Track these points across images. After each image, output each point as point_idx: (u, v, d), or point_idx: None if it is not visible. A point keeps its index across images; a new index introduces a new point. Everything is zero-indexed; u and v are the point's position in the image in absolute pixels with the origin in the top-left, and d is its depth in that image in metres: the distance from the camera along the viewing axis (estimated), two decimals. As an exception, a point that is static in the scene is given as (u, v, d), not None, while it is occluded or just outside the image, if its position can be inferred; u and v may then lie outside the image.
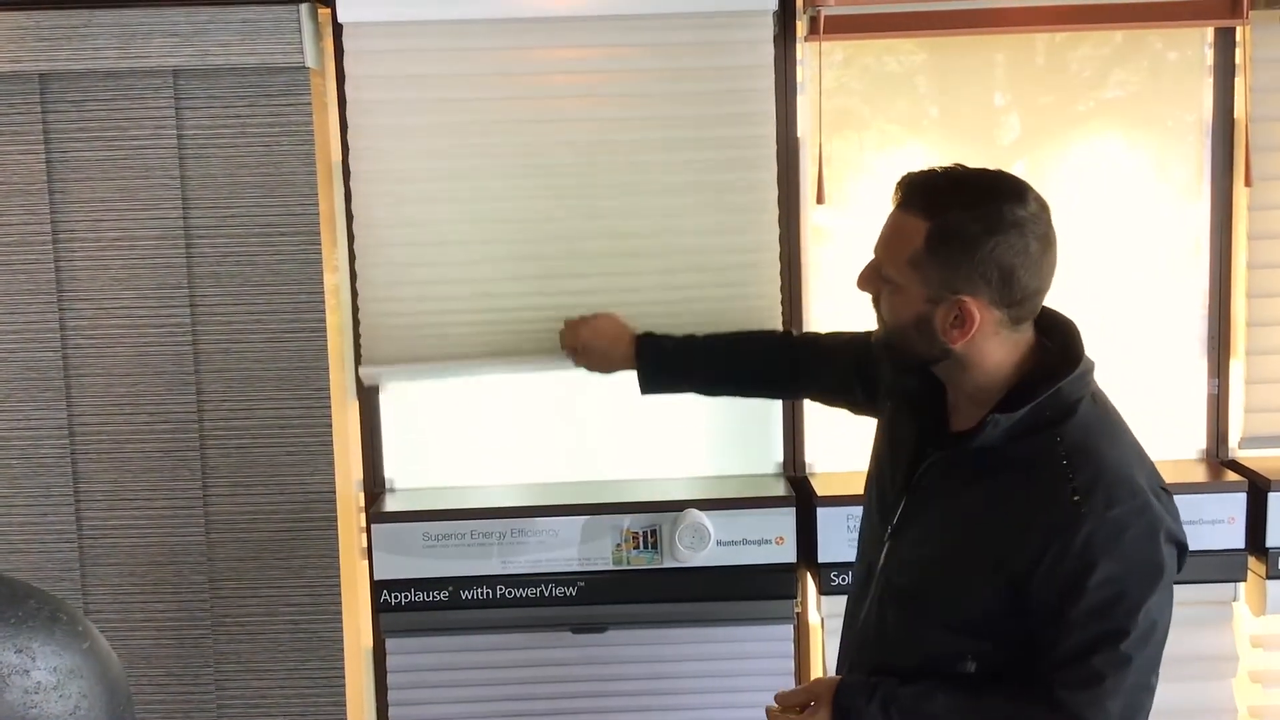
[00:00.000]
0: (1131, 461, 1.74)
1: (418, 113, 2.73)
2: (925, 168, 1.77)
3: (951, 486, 1.79)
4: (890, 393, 1.98)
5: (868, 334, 2.10)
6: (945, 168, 1.75)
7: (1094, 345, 2.84)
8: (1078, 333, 1.80)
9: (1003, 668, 1.76)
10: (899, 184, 1.77)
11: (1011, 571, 1.70)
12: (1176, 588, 2.38)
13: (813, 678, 2.94)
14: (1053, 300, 1.76)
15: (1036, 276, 1.72)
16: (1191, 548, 2.75)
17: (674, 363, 2.46)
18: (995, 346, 1.75)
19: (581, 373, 2.60)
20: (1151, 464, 1.78)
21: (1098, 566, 1.65)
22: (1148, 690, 1.72)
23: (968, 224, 1.67)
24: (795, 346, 2.48)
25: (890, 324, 1.79)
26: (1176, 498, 1.68)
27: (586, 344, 2.53)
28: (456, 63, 2.73)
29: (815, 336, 2.50)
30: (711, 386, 2.54)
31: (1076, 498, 1.66)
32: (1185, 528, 1.79)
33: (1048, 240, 1.72)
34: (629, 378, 2.52)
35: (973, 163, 1.79)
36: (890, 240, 1.76)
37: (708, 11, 2.70)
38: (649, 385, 2.49)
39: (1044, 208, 1.73)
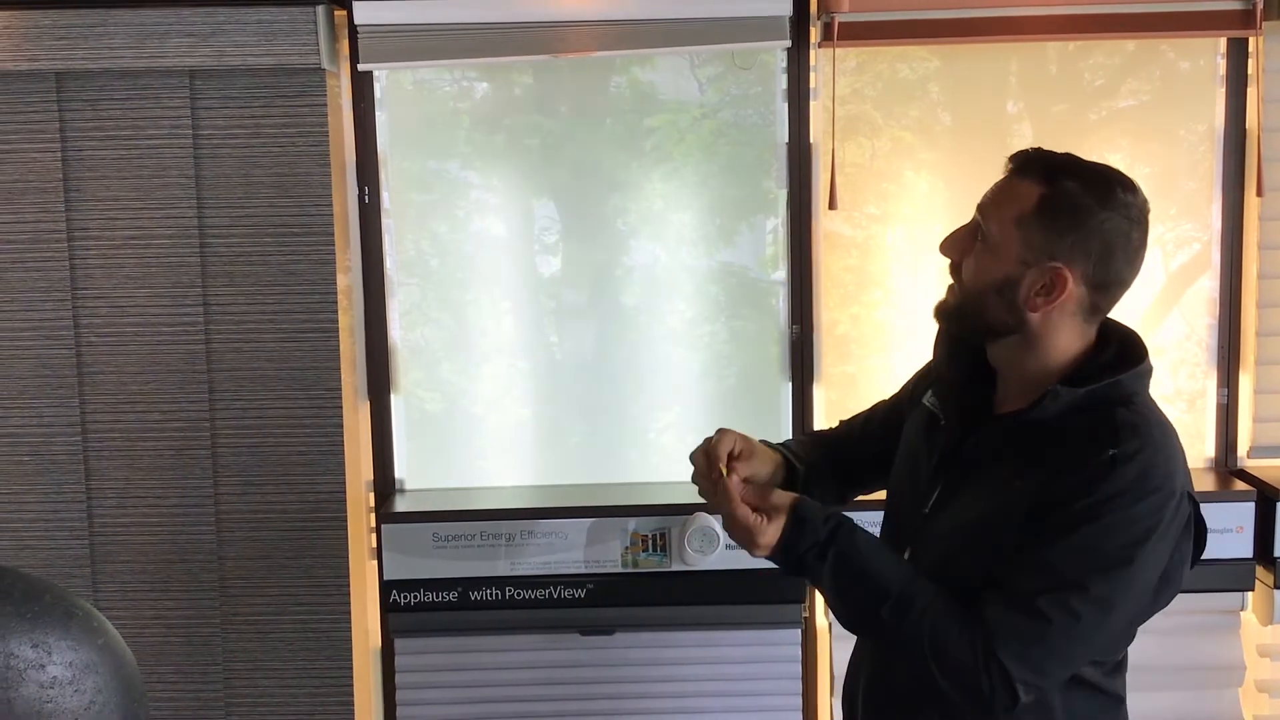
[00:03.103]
0: (1175, 459, 1.74)
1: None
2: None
3: (996, 460, 1.77)
4: (937, 381, 1.92)
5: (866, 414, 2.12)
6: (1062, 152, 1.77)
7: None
8: (1141, 340, 1.81)
9: None
10: (1015, 156, 1.76)
11: (1034, 513, 1.68)
12: (1182, 596, 2.34)
13: (820, 683, 2.94)
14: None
15: (1129, 265, 1.73)
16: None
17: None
18: (1066, 329, 1.75)
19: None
20: (1189, 472, 1.77)
21: (1096, 523, 1.64)
22: (1065, 666, 1.70)
23: (1082, 195, 1.69)
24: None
25: (970, 286, 1.76)
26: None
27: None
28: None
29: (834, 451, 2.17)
30: None
31: (1114, 460, 1.65)
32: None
33: (1145, 235, 1.74)
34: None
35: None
36: (999, 199, 1.74)
37: (723, 18, 2.71)
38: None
39: (1148, 208, 1.75)
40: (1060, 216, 1.69)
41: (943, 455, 1.85)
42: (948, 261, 1.81)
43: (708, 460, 1.93)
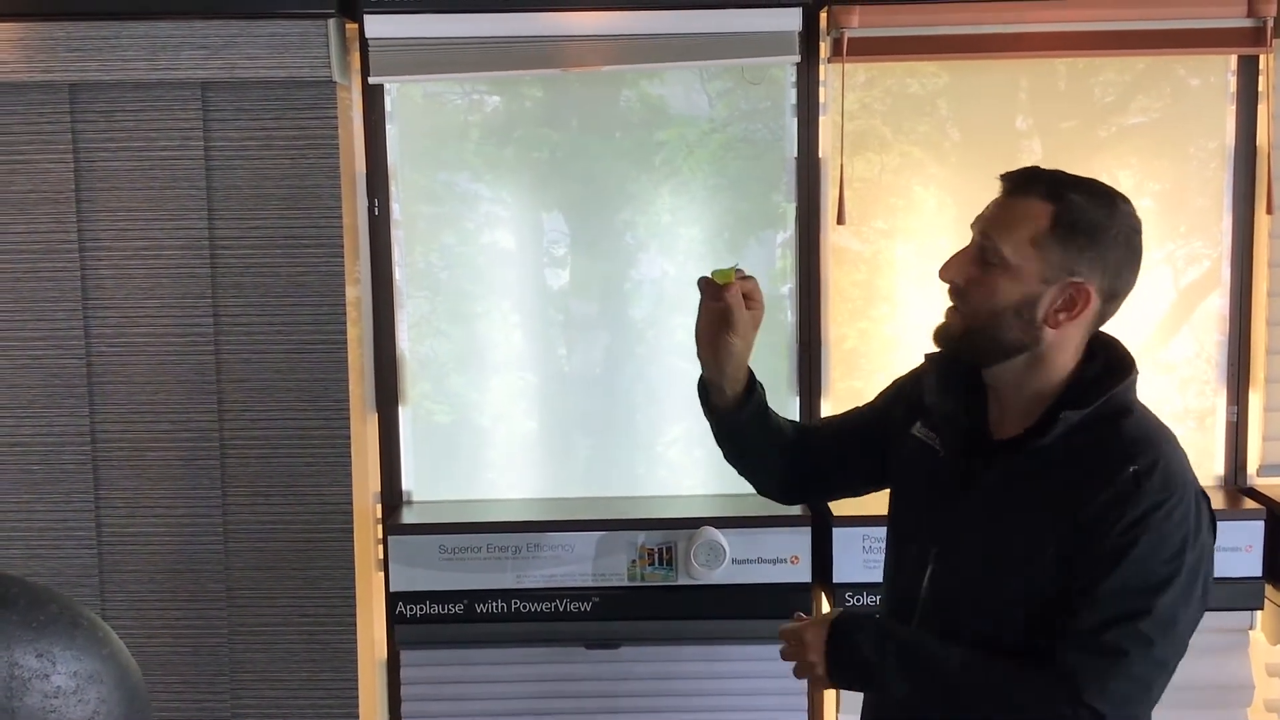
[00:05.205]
0: (1185, 461, 1.78)
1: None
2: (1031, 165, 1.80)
3: (1013, 488, 1.78)
4: (926, 412, 1.91)
5: (849, 415, 2.10)
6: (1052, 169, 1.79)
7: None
8: (1125, 347, 1.83)
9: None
10: (1011, 175, 1.77)
11: (1070, 545, 1.71)
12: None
13: (826, 699, 2.94)
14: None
15: (1135, 275, 1.77)
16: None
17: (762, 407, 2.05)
18: (1072, 343, 1.77)
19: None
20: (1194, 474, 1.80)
21: (1138, 544, 1.67)
22: (1151, 692, 1.74)
23: (1092, 211, 1.72)
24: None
25: (985, 309, 1.75)
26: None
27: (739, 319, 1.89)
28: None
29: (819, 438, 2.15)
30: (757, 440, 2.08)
31: (1137, 476, 1.69)
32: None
33: (1143, 248, 1.78)
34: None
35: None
36: (1008, 221, 1.74)
37: (732, 33, 2.72)
38: (739, 407, 2.00)
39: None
40: (1077, 233, 1.71)
41: (949, 488, 1.84)
42: (946, 286, 1.81)
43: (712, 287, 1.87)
